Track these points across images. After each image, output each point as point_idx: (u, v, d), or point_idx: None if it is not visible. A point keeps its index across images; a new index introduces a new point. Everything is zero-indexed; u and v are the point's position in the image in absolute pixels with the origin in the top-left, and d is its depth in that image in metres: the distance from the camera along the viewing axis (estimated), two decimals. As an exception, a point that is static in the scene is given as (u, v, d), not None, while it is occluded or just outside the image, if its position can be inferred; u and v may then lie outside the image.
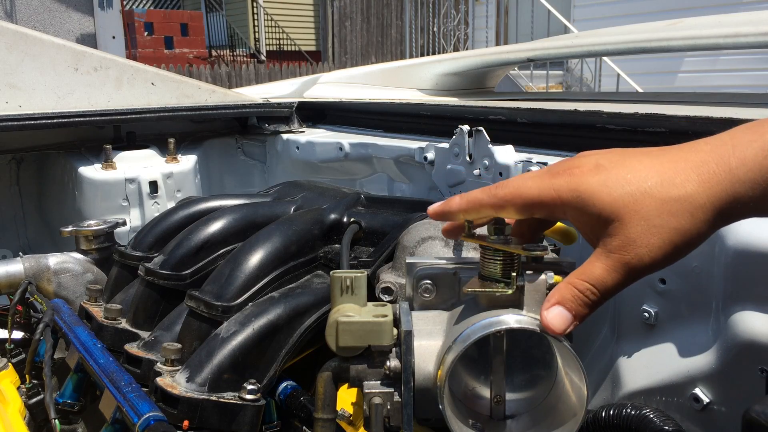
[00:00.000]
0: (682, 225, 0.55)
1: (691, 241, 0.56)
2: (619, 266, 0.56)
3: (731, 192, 0.54)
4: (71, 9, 12.90)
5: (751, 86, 6.52)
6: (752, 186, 0.54)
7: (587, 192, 0.57)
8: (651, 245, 0.55)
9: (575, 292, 0.57)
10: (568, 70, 8.74)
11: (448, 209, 0.66)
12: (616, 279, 0.57)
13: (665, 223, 0.55)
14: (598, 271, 0.57)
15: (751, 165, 0.54)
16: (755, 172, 0.54)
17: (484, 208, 0.63)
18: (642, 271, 0.57)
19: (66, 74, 1.60)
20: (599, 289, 0.57)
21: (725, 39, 1.41)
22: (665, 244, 0.55)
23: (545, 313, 0.58)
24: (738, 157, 0.55)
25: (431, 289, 0.70)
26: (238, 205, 1.17)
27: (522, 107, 1.32)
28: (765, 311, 0.79)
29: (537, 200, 0.59)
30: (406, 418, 0.65)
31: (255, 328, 0.88)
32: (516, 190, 0.61)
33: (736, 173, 0.54)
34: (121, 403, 0.83)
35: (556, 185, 0.58)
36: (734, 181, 0.54)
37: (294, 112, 1.90)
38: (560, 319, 0.57)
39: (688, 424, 0.86)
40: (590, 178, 0.57)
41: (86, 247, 1.29)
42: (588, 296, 0.57)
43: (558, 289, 0.59)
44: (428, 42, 10.56)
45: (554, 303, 0.58)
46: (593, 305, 0.58)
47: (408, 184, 1.51)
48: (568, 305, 0.57)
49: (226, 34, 14.47)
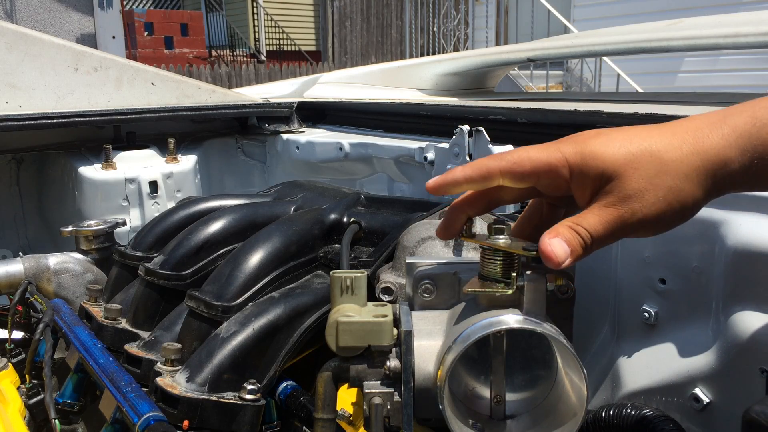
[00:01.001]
0: (677, 184, 0.57)
1: (685, 202, 0.58)
2: (612, 218, 0.58)
3: (723, 156, 0.57)
4: (71, 9, 12.90)
5: (751, 86, 6.52)
6: (741, 152, 0.57)
7: (591, 154, 0.59)
8: (645, 201, 0.57)
9: (572, 231, 0.58)
10: (568, 70, 8.74)
11: (453, 179, 0.63)
12: (607, 229, 0.58)
13: (662, 181, 0.57)
14: (591, 219, 0.58)
15: (740, 131, 0.58)
16: (744, 139, 0.57)
17: (491, 173, 0.62)
18: (634, 225, 0.58)
19: (66, 74, 1.60)
20: (591, 235, 0.58)
21: (725, 39, 1.41)
22: (659, 202, 0.57)
23: (546, 241, 0.58)
24: (729, 125, 0.58)
25: (431, 289, 0.70)
26: (238, 205, 1.17)
27: (522, 107, 1.32)
28: (765, 311, 0.79)
29: (545, 163, 0.60)
30: (406, 418, 0.65)
31: (255, 328, 0.88)
32: (525, 154, 0.62)
33: (727, 138, 0.58)
34: (121, 403, 0.83)
35: (562, 149, 0.60)
36: (725, 146, 0.58)
37: (294, 112, 1.90)
38: (561, 249, 0.58)
39: (688, 424, 0.86)
40: (593, 141, 0.60)
41: (86, 247, 1.29)
42: (583, 237, 0.58)
43: (555, 227, 0.59)
44: (428, 42, 10.56)
45: (555, 236, 0.58)
46: (586, 249, 0.59)
47: (408, 184, 1.51)
48: (566, 239, 0.58)
49: (226, 34, 14.46)
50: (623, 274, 0.97)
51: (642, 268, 0.94)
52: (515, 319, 0.62)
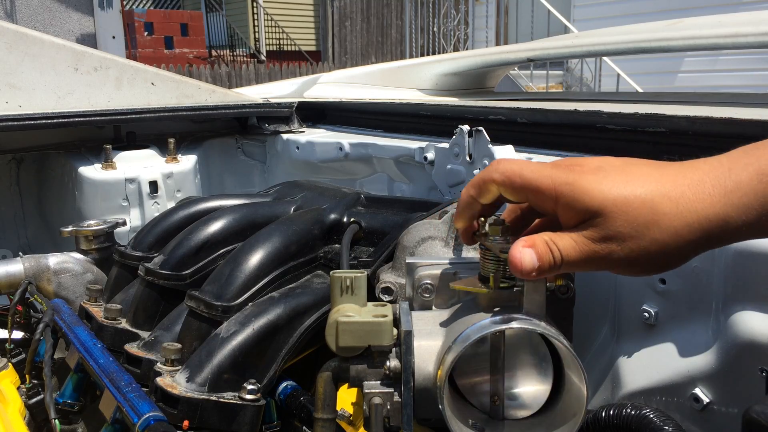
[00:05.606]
0: (664, 239, 0.55)
1: (669, 257, 0.56)
2: (587, 251, 0.57)
3: (723, 215, 0.54)
4: (71, 9, 12.89)
5: (751, 86, 6.52)
6: (746, 211, 0.54)
7: (581, 188, 0.57)
8: (625, 246, 0.55)
9: (546, 247, 0.58)
10: (568, 70, 8.74)
11: (460, 203, 0.66)
12: (580, 259, 0.57)
13: (648, 231, 0.55)
14: (567, 242, 0.57)
15: (745, 189, 0.54)
16: (750, 197, 0.54)
17: (486, 184, 0.63)
18: (608, 264, 0.57)
19: (66, 74, 1.60)
20: (563, 258, 0.57)
21: (725, 39, 1.41)
22: (639, 250, 0.55)
23: (519, 248, 0.58)
24: (734, 180, 0.55)
25: (431, 289, 0.70)
26: (238, 205, 1.17)
27: (522, 107, 1.32)
28: (765, 311, 0.79)
29: (534, 184, 0.59)
30: (406, 418, 0.65)
31: (255, 328, 0.88)
32: (518, 170, 0.61)
33: (730, 197, 0.54)
34: (121, 403, 0.83)
35: (554, 175, 0.59)
36: (727, 205, 0.54)
37: (294, 112, 1.90)
38: (529, 260, 0.57)
39: (688, 424, 0.86)
40: (588, 176, 0.58)
41: (86, 247, 1.29)
42: (554, 257, 0.57)
43: (533, 237, 0.59)
44: (428, 42, 10.56)
45: (528, 245, 0.58)
46: (554, 268, 0.58)
47: (408, 184, 1.51)
48: (538, 252, 0.57)
49: (226, 34, 14.47)
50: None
51: (642, 268, 0.94)
52: (515, 319, 0.62)
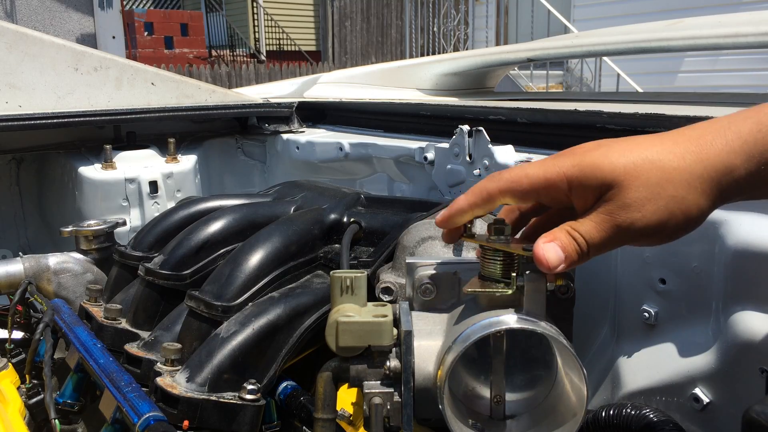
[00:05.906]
0: (680, 193, 0.56)
1: (689, 211, 0.57)
2: (609, 226, 0.57)
3: (727, 162, 0.56)
4: (71, 9, 12.89)
5: (751, 86, 6.52)
6: (747, 158, 0.56)
7: (590, 165, 0.58)
8: (645, 210, 0.56)
9: (569, 236, 0.58)
10: (568, 70, 8.74)
11: (458, 209, 0.65)
12: (603, 237, 0.57)
13: (663, 190, 0.56)
14: (588, 225, 0.58)
15: (746, 137, 0.56)
16: (750, 145, 0.56)
17: (492, 196, 0.63)
18: (633, 235, 0.57)
19: (66, 74, 1.60)
20: (588, 242, 0.58)
21: (725, 39, 1.41)
22: (660, 210, 0.56)
23: (541, 245, 0.58)
24: (734, 131, 0.57)
25: (431, 289, 0.70)
26: (238, 205, 1.17)
27: (522, 107, 1.32)
28: (765, 311, 0.79)
29: (543, 180, 0.60)
30: (406, 418, 0.65)
31: (255, 328, 0.88)
32: (522, 172, 0.61)
33: (731, 145, 0.56)
34: (121, 403, 0.83)
35: (559, 164, 0.60)
36: (730, 152, 0.56)
37: (294, 112, 1.90)
38: (554, 254, 0.57)
39: (688, 424, 0.86)
40: (592, 153, 0.59)
41: (86, 247, 1.29)
42: (579, 243, 0.58)
43: (553, 231, 0.59)
44: (428, 42, 10.55)
45: (550, 240, 0.58)
46: (582, 256, 0.58)
47: (408, 184, 1.51)
48: (561, 244, 0.58)
49: (226, 34, 14.46)
50: (623, 274, 0.97)
51: (642, 268, 0.94)
52: (515, 319, 0.62)
